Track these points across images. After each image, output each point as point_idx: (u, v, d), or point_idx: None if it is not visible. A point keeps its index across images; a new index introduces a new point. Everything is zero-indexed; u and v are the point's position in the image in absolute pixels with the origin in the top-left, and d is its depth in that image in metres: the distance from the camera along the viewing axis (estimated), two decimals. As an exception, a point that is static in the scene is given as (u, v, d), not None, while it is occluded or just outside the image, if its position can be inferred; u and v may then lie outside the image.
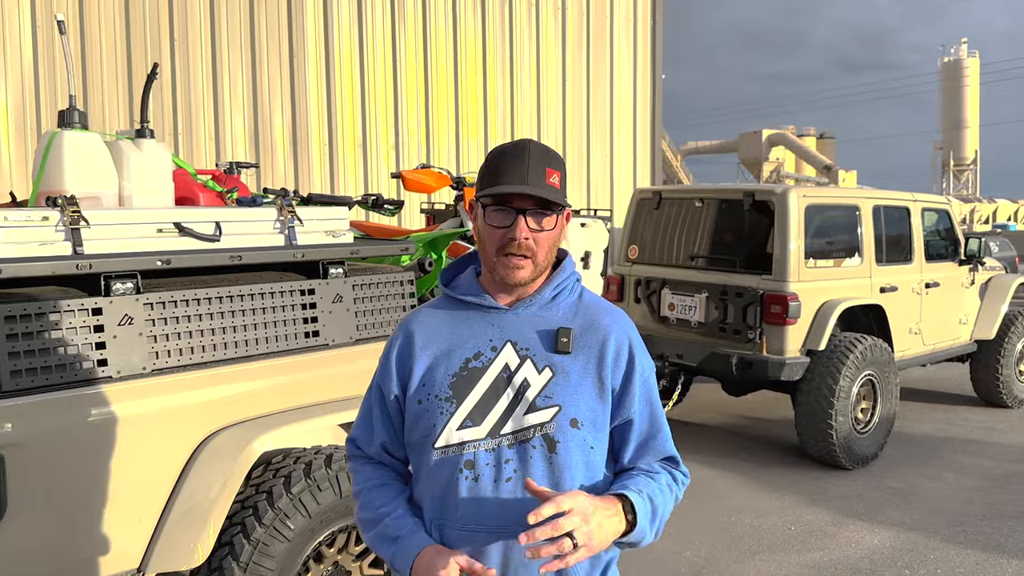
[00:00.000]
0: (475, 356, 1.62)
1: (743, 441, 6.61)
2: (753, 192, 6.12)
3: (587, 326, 1.66)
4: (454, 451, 1.58)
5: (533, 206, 1.59)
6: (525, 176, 1.57)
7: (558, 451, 1.56)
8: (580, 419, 1.58)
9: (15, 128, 5.70)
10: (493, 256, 1.61)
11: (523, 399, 1.58)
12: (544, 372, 1.59)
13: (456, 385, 1.60)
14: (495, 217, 1.60)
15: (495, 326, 1.64)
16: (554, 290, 1.67)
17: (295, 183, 6.67)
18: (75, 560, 2.46)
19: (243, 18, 6.43)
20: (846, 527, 4.89)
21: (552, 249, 1.65)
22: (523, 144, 1.62)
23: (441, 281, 1.73)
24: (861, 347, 5.85)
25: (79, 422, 2.44)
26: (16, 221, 2.44)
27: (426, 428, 1.61)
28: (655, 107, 8.57)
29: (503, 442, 1.57)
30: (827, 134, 46.52)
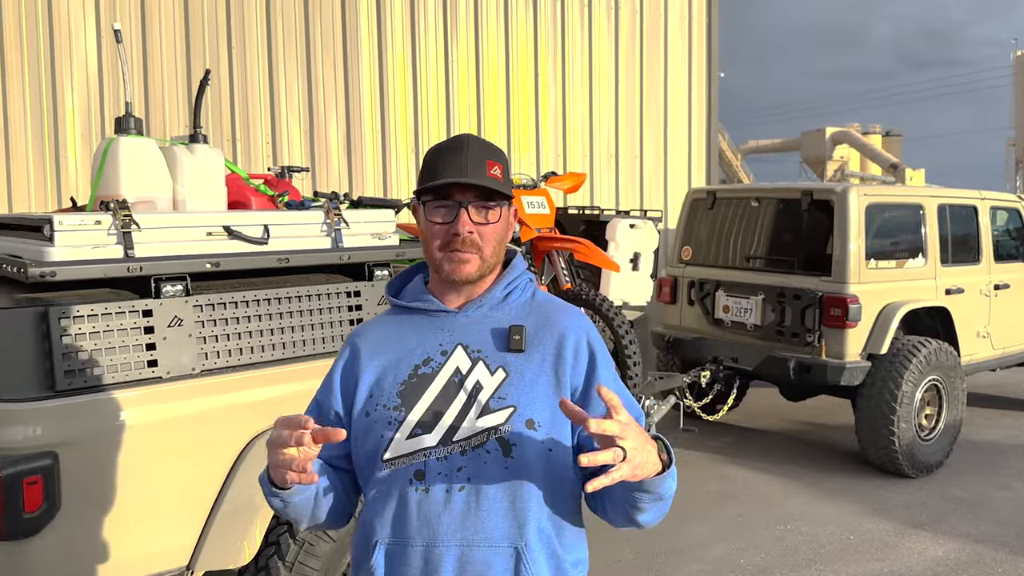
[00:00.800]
0: (424, 362, 1.54)
1: (801, 448, 6.45)
2: (812, 191, 5.97)
3: (541, 323, 1.57)
4: (404, 461, 1.48)
5: (475, 198, 1.52)
6: (464, 168, 1.51)
7: (514, 455, 1.47)
8: (537, 419, 1.49)
9: (81, 134, 5.89)
10: (437, 253, 1.54)
11: (476, 402, 1.49)
12: (497, 373, 1.51)
13: (405, 393, 1.52)
14: (436, 213, 1.53)
15: (445, 330, 1.57)
16: (505, 289, 1.60)
17: (349, 186, 6.75)
18: (126, 557, 2.51)
19: (298, 24, 6.54)
20: (908, 537, 4.73)
21: (500, 244, 1.58)
22: (461, 138, 1.56)
23: (387, 292, 1.67)
24: (925, 351, 5.66)
25: (130, 422, 2.49)
26: (71, 225, 2.51)
27: (375, 441, 1.51)
28: (711, 106, 8.43)
29: (455, 449, 1.47)
30: (893, 132, 45.27)
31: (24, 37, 5.69)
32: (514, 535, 1.46)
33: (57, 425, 2.35)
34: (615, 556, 4.42)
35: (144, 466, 2.52)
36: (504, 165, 1.58)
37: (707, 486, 5.50)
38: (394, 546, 1.48)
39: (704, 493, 5.37)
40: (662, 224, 6.70)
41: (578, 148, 7.74)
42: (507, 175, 1.60)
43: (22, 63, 5.70)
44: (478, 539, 1.45)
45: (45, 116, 5.79)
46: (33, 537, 2.31)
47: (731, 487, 5.50)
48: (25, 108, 5.72)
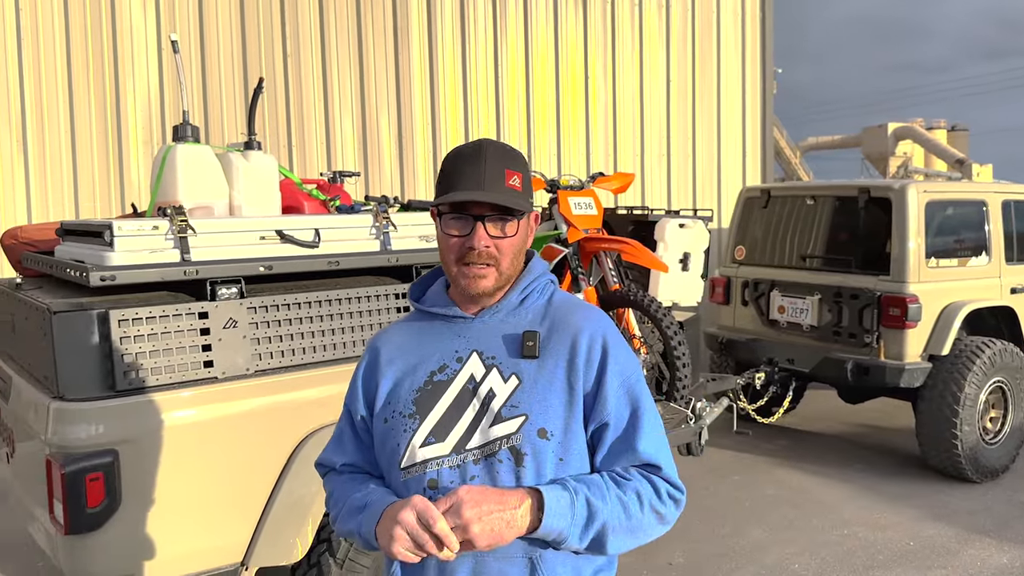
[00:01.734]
0: (440, 369, 1.53)
1: (859, 451, 6.31)
2: (869, 188, 5.84)
3: (556, 327, 1.53)
4: (418, 470, 1.48)
5: (492, 212, 1.48)
6: (482, 181, 1.47)
7: (525, 464, 1.45)
8: (549, 428, 1.46)
9: (143, 141, 6.09)
10: (453, 267, 1.52)
11: (489, 410, 1.47)
12: (510, 380, 1.49)
13: (420, 400, 1.51)
14: (452, 225, 1.50)
15: (461, 337, 1.55)
16: (521, 294, 1.56)
17: (400, 189, 6.83)
18: (183, 552, 2.60)
19: (351, 31, 6.64)
20: (971, 544, 4.59)
21: (518, 256, 1.54)
22: (479, 145, 1.51)
23: (410, 296, 1.65)
24: (989, 352, 5.48)
25: (187, 420, 2.57)
26: (130, 231, 2.60)
27: (391, 448, 1.52)
28: (766, 103, 8.30)
29: (468, 458, 1.46)
30: (959, 126, 43.88)
31: (90, 48, 5.90)
32: (527, 545, 1.43)
33: (117, 424, 2.44)
34: (666, 559, 4.38)
35: (200, 464, 2.59)
36: (524, 173, 1.54)
37: (762, 490, 5.42)
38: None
39: (759, 497, 5.29)
40: (713, 223, 6.62)
41: (629, 147, 7.70)
42: (527, 183, 1.54)
43: (87, 74, 5.91)
44: (491, 550, 1.42)
45: (109, 124, 5.99)
46: (95, 531, 2.41)
47: (786, 491, 5.41)
48: (91, 116, 5.93)
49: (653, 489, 1.49)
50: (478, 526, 1.34)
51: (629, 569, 4.25)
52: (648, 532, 1.49)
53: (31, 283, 3.13)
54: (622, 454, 1.50)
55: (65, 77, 5.85)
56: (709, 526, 4.82)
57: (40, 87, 5.80)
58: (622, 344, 1.55)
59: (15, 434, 2.94)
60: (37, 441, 2.57)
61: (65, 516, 2.36)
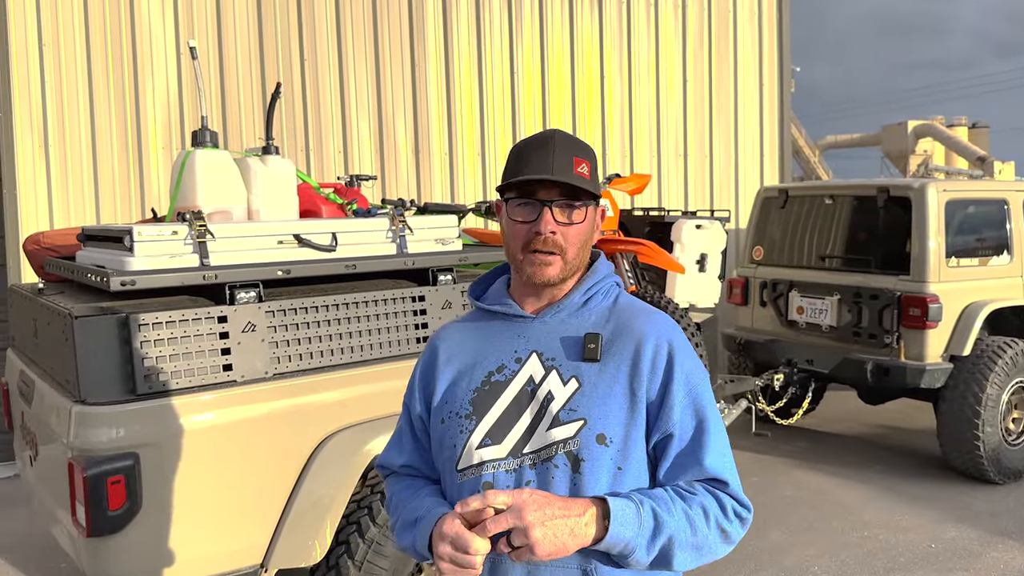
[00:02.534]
0: (498, 369, 1.49)
1: (880, 452, 6.26)
2: (888, 187, 5.79)
3: (620, 331, 1.48)
4: (473, 472, 1.45)
5: (560, 197, 1.44)
6: (550, 166, 1.43)
7: (582, 471, 1.40)
8: (608, 435, 1.41)
9: (163, 147, 6.14)
10: (519, 254, 1.47)
11: (547, 413, 1.43)
12: (570, 383, 1.44)
13: (477, 401, 1.48)
14: (519, 211, 1.46)
15: (521, 336, 1.51)
16: (585, 294, 1.51)
17: (417, 193, 6.85)
18: (204, 553, 2.62)
19: (367, 35, 6.67)
20: (994, 546, 4.54)
21: (584, 246, 1.49)
22: (548, 134, 1.48)
23: (471, 294, 1.62)
24: (1011, 352, 5.43)
25: (206, 423, 2.60)
26: (149, 236, 2.63)
27: (448, 449, 1.49)
28: (783, 102, 8.25)
29: (525, 461, 1.42)
30: (980, 123, 43.42)
31: (109, 55, 5.97)
32: (582, 556, 1.39)
33: (138, 427, 2.47)
34: (685, 561, 4.37)
35: (220, 467, 2.62)
36: (592, 162, 1.50)
37: (781, 491, 5.39)
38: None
39: (778, 498, 5.27)
40: (730, 224, 6.60)
41: (645, 148, 7.69)
42: (595, 173, 1.50)
43: (107, 80, 5.98)
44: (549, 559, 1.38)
45: (129, 130, 6.06)
46: (117, 534, 2.44)
47: (805, 493, 5.38)
48: (111, 122, 6.00)
49: (719, 505, 1.43)
50: (540, 531, 1.29)
51: (647, 571, 4.24)
52: (713, 550, 1.42)
53: (53, 288, 3.17)
54: (687, 468, 1.44)
55: (86, 84, 5.92)
56: (728, 528, 4.79)
57: (61, 94, 5.87)
58: (689, 352, 1.50)
59: (38, 437, 2.98)
60: (59, 444, 2.60)
61: (87, 518, 2.39)
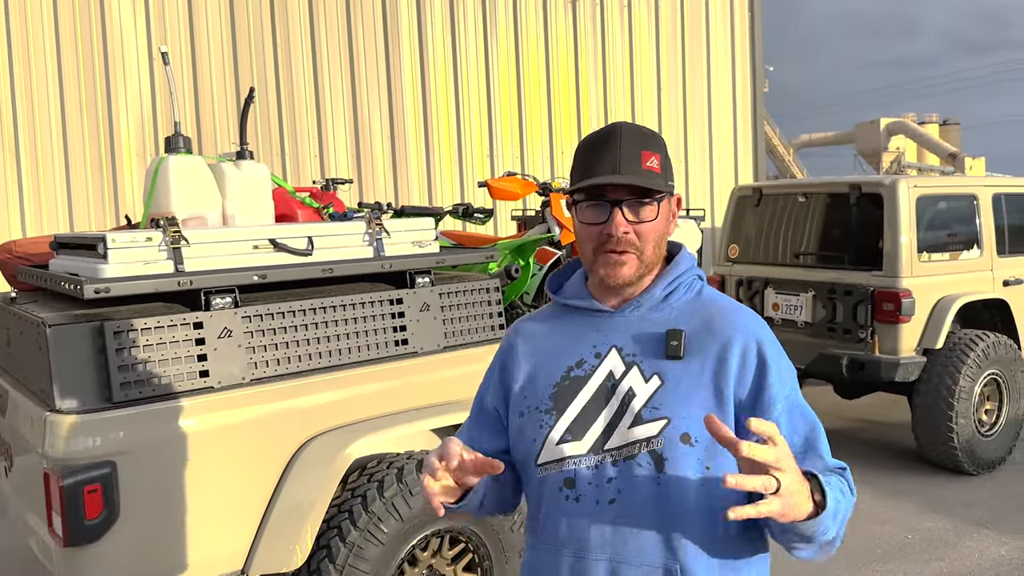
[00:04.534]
0: (577, 364, 1.47)
1: (857, 446, 6.33)
2: (860, 184, 5.86)
3: (704, 327, 1.44)
4: (554, 467, 1.43)
5: (630, 195, 1.41)
6: (617, 164, 1.40)
7: (666, 470, 1.37)
8: (693, 434, 1.38)
9: (136, 153, 6.09)
10: (592, 256, 1.45)
11: (628, 410, 1.41)
12: (652, 380, 1.41)
13: (557, 396, 1.46)
14: (589, 213, 1.44)
15: (600, 331, 1.48)
16: (666, 288, 1.48)
17: (394, 196, 6.85)
18: (183, 562, 2.60)
19: (342, 39, 6.66)
20: (969, 536, 4.61)
21: (660, 242, 1.45)
22: (614, 128, 1.44)
23: (549, 287, 1.59)
24: (983, 344, 5.51)
25: (184, 430, 2.58)
26: (123, 243, 2.61)
27: (528, 443, 1.48)
28: (756, 101, 8.34)
29: (606, 458, 1.40)
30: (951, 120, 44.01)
31: (80, 61, 5.91)
32: (667, 555, 1.38)
33: (114, 435, 2.45)
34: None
35: (198, 473, 2.60)
36: (662, 154, 1.46)
37: (760, 486, 5.43)
38: (545, 550, 1.46)
39: (757, 493, 5.31)
40: (706, 222, 6.65)
41: (621, 149, 7.72)
42: (666, 165, 1.46)
43: (79, 87, 5.92)
44: (628, 555, 1.38)
45: (101, 137, 6.00)
46: (94, 543, 2.41)
47: (784, 487, 5.43)
48: (83, 129, 5.94)
49: (848, 487, 1.39)
50: (788, 478, 1.20)
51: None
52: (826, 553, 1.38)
53: (26, 297, 3.13)
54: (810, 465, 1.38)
55: (56, 90, 5.86)
56: (708, 524, 4.83)
57: (32, 101, 5.80)
58: (779, 349, 1.46)
59: (12, 448, 2.95)
60: (34, 454, 2.58)
61: (64, 529, 2.37)
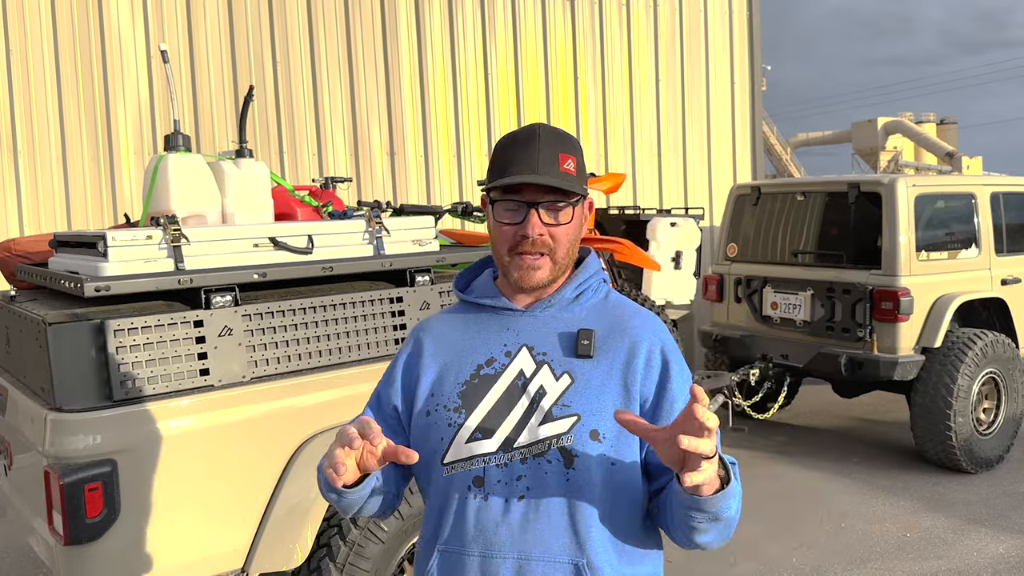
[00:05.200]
0: (487, 362, 1.47)
1: (855, 445, 6.34)
2: (859, 183, 5.87)
3: (613, 328, 1.47)
4: (462, 467, 1.42)
5: (546, 197, 1.42)
6: (535, 164, 1.41)
7: (576, 466, 1.39)
8: (602, 431, 1.40)
9: (134, 152, 6.08)
10: (505, 256, 1.46)
11: (539, 408, 1.41)
12: (562, 378, 1.43)
13: (466, 394, 1.45)
14: (505, 213, 1.44)
15: (510, 330, 1.49)
16: (576, 289, 1.50)
17: (393, 194, 6.84)
18: (184, 560, 2.60)
19: (340, 37, 6.65)
20: (967, 534, 4.62)
21: (572, 245, 1.48)
22: (532, 129, 1.45)
23: (455, 285, 1.60)
24: (981, 343, 5.52)
25: (184, 429, 2.58)
26: (123, 241, 2.61)
27: (434, 442, 1.46)
28: (755, 100, 8.34)
29: (515, 457, 1.40)
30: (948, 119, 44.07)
31: (79, 59, 5.90)
32: (575, 551, 1.39)
33: (115, 433, 2.45)
34: (666, 555, 4.39)
35: (199, 472, 2.60)
36: (578, 157, 1.47)
37: (758, 485, 5.44)
38: (451, 553, 1.44)
39: (755, 492, 5.32)
40: (704, 221, 6.65)
41: (620, 147, 7.73)
42: (581, 167, 1.48)
43: (77, 85, 5.91)
44: (536, 552, 1.39)
45: (100, 135, 5.99)
46: (95, 542, 2.41)
47: (783, 486, 5.44)
48: (81, 128, 5.93)
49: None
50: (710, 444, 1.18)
51: (628, 567, 4.27)
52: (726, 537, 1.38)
53: (25, 295, 3.13)
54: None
55: (54, 88, 5.85)
56: (707, 523, 4.84)
57: (30, 99, 5.79)
58: (680, 355, 1.50)
59: (12, 446, 2.94)
60: (35, 453, 2.57)
61: (65, 527, 2.37)
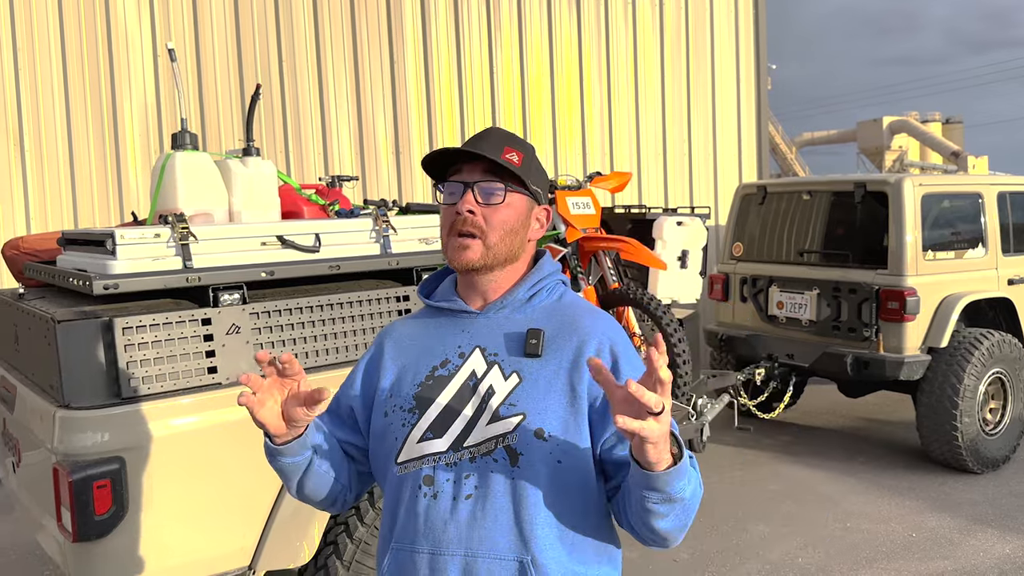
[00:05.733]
0: (442, 364, 1.50)
1: (861, 444, 6.33)
2: (865, 183, 5.86)
3: (562, 328, 1.50)
4: (414, 466, 1.45)
5: (483, 176, 1.47)
6: (478, 147, 1.46)
7: (520, 464, 1.40)
8: (547, 429, 1.41)
9: (141, 150, 6.10)
10: (445, 238, 1.50)
11: (487, 408, 1.44)
12: (511, 378, 1.45)
13: (420, 395, 1.49)
14: (445, 195, 1.50)
15: (465, 332, 1.52)
16: (529, 290, 1.53)
17: (398, 193, 6.85)
18: (191, 557, 2.61)
19: (346, 36, 6.66)
20: (973, 534, 4.61)
21: (510, 233, 1.50)
22: (489, 127, 1.53)
23: (419, 291, 1.64)
24: (988, 343, 5.51)
25: (192, 426, 2.59)
26: (132, 239, 2.62)
27: (389, 442, 1.49)
28: (760, 99, 8.33)
29: (464, 455, 1.42)
30: (953, 119, 43.95)
31: (85, 58, 5.91)
32: (519, 548, 1.40)
33: (123, 431, 2.46)
34: (672, 555, 4.40)
35: (206, 469, 2.61)
36: (527, 155, 1.51)
37: (764, 485, 5.44)
38: (402, 551, 1.46)
39: (761, 492, 5.31)
40: (710, 220, 6.65)
41: (625, 146, 7.72)
42: (530, 167, 1.51)
43: (84, 83, 5.93)
44: (482, 550, 1.40)
45: (106, 134, 6.01)
46: (103, 538, 2.42)
47: (789, 485, 5.43)
48: (88, 127, 5.95)
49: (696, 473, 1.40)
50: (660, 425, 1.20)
51: (633, 566, 4.27)
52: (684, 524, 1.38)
53: (34, 293, 3.14)
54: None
55: (61, 87, 5.86)
56: (712, 522, 4.84)
57: (37, 98, 5.81)
58: (632, 353, 1.50)
59: (21, 443, 2.95)
60: (43, 450, 2.58)
61: (73, 524, 2.37)
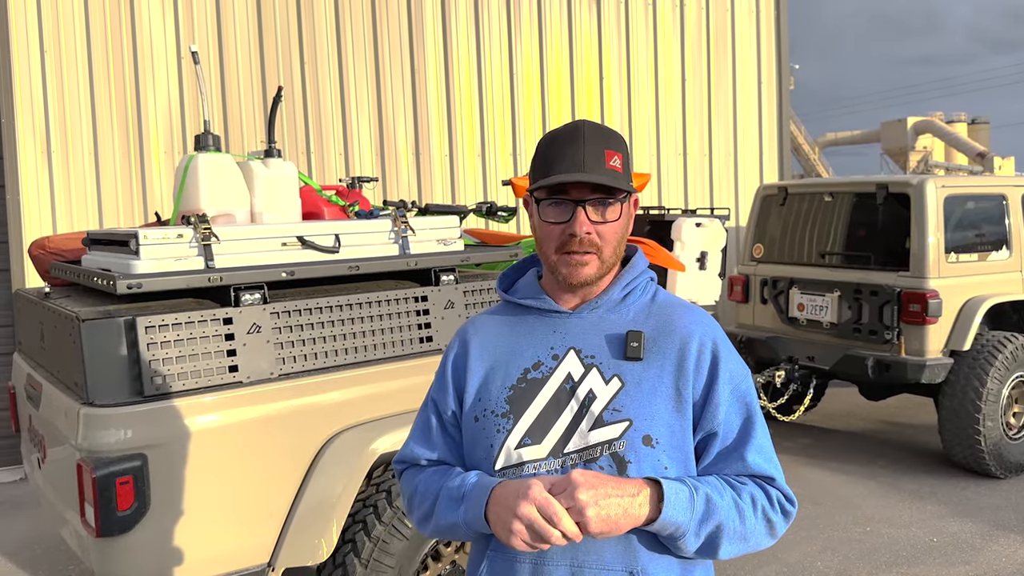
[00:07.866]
0: (534, 366, 1.44)
1: (882, 448, 6.28)
2: (887, 184, 5.82)
3: (662, 329, 1.45)
4: (513, 472, 1.40)
5: (593, 195, 1.40)
6: (581, 162, 1.38)
7: (628, 472, 1.36)
8: (655, 435, 1.38)
9: (164, 151, 6.17)
10: (553, 255, 1.43)
11: (588, 413, 1.39)
12: (612, 382, 1.40)
13: (513, 399, 1.43)
14: (551, 212, 1.42)
15: (557, 332, 1.46)
16: (623, 290, 1.48)
17: (418, 194, 6.88)
18: (211, 553, 2.65)
19: (367, 38, 6.70)
20: (996, 540, 4.56)
21: (620, 243, 1.45)
22: (577, 126, 1.42)
23: (499, 286, 1.57)
24: (1012, 346, 5.45)
25: (213, 424, 2.62)
26: (155, 239, 2.66)
27: (484, 448, 1.44)
28: (782, 100, 8.28)
29: (567, 462, 1.38)
30: (979, 119, 43.42)
31: (111, 60, 6.00)
32: (629, 559, 1.37)
33: (146, 428, 2.50)
34: (688, 557, 4.39)
35: (227, 467, 2.65)
36: (624, 153, 1.44)
37: (783, 487, 5.41)
38: (502, 560, 1.42)
39: (780, 494, 5.29)
40: (730, 222, 6.62)
41: (645, 147, 7.71)
42: (627, 163, 1.45)
43: (109, 86, 6.01)
44: (589, 560, 1.37)
45: (131, 135, 6.09)
46: (126, 534, 2.46)
47: (808, 489, 5.40)
48: (113, 127, 6.03)
49: (767, 497, 1.42)
50: (593, 510, 1.27)
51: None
52: (758, 540, 1.41)
53: (59, 292, 3.19)
54: (731, 464, 1.43)
55: (87, 88, 5.95)
56: (731, 524, 4.82)
57: (63, 99, 5.90)
58: (732, 350, 1.48)
59: (46, 440, 3.01)
60: (68, 446, 2.63)
61: (96, 519, 2.42)
